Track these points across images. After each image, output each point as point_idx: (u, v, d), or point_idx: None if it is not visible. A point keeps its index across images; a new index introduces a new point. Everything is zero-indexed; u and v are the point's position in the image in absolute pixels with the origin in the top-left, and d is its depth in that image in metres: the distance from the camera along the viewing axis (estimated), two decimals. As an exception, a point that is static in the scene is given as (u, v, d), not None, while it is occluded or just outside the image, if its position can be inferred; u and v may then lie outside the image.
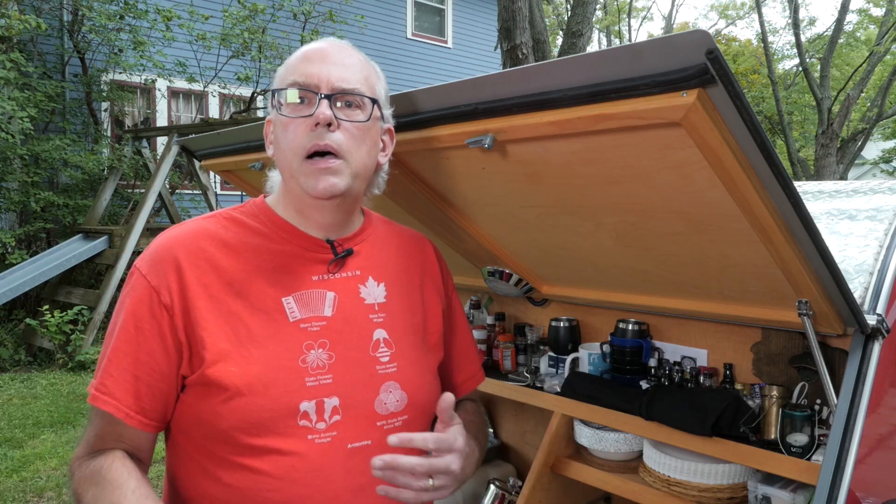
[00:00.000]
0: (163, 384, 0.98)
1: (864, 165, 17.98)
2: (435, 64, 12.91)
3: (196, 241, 1.02)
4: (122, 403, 0.96)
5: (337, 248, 1.09)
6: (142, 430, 0.98)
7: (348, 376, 1.02)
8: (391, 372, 1.06)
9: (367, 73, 1.06)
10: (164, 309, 0.97)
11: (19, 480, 3.79)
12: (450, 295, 1.26)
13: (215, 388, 0.95)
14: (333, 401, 1.00)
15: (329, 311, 1.04)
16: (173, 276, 0.98)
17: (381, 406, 1.04)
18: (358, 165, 1.03)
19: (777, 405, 1.49)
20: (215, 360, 0.95)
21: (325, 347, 1.02)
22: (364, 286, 1.09)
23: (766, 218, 1.09)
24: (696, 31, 0.82)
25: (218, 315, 0.98)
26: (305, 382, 0.98)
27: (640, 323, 1.87)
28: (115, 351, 0.97)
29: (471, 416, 1.23)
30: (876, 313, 1.37)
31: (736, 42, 21.76)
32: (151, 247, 1.03)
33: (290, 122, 1.01)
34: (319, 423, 0.98)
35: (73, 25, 8.06)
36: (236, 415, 0.95)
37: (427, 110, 1.23)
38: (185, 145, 1.94)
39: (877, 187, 1.87)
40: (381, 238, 1.17)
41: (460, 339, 1.27)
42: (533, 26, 7.25)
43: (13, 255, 6.67)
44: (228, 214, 1.09)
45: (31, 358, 6.33)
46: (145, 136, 8.24)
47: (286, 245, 1.06)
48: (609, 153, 1.11)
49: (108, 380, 0.97)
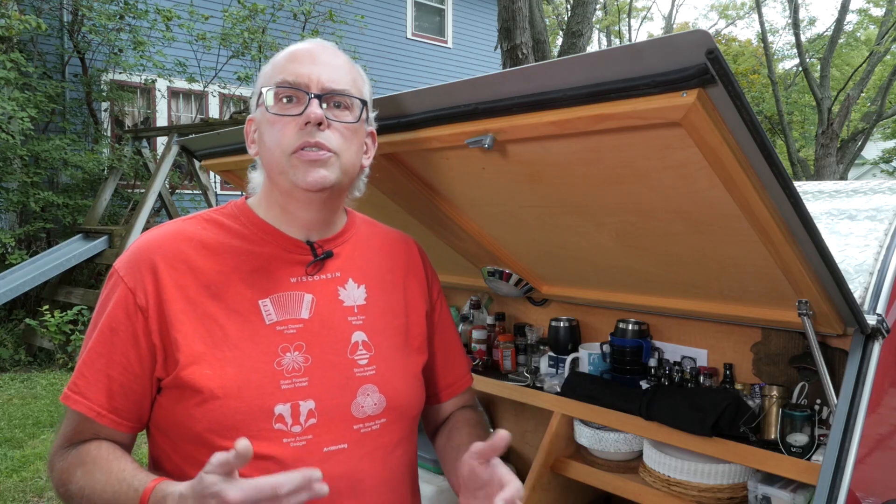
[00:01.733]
0: (136, 385, 0.98)
1: (864, 165, 17.99)
2: (435, 64, 12.91)
3: (174, 243, 1.02)
4: (93, 403, 0.96)
5: (317, 249, 1.08)
6: (115, 429, 0.98)
7: (325, 379, 1.01)
8: (369, 375, 1.05)
9: (354, 75, 1.07)
10: (139, 310, 0.97)
11: (19, 480, 3.79)
12: (435, 297, 1.24)
13: (189, 391, 0.95)
14: (309, 404, 0.99)
15: (306, 313, 1.03)
16: (150, 277, 0.98)
17: (358, 409, 1.03)
18: (347, 163, 1.03)
19: (777, 405, 1.49)
20: (189, 363, 0.95)
21: (301, 350, 1.01)
22: (343, 288, 1.09)
23: (766, 218, 1.09)
24: (696, 31, 0.82)
25: (193, 317, 0.98)
26: (280, 385, 0.98)
27: (640, 323, 1.87)
28: (90, 351, 0.98)
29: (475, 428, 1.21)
30: (876, 313, 1.37)
31: (736, 42, 21.75)
32: (130, 248, 1.03)
33: (278, 119, 1.01)
34: (295, 427, 0.97)
35: (73, 25, 8.05)
36: (210, 417, 0.95)
37: (427, 110, 1.23)
38: (185, 145, 1.94)
39: (877, 187, 1.87)
40: (364, 239, 1.16)
41: (446, 342, 1.25)
42: (533, 26, 7.25)
43: (13, 256, 6.67)
44: (208, 216, 1.09)
45: (31, 358, 6.33)
46: (145, 136, 8.24)
47: (265, 246, 1.05)
48: (609, 153, 1.11)
49: (81, 380, 0.97)
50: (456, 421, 1.24)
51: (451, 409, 1.28)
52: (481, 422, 1.26)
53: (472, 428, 1.21)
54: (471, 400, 1.32)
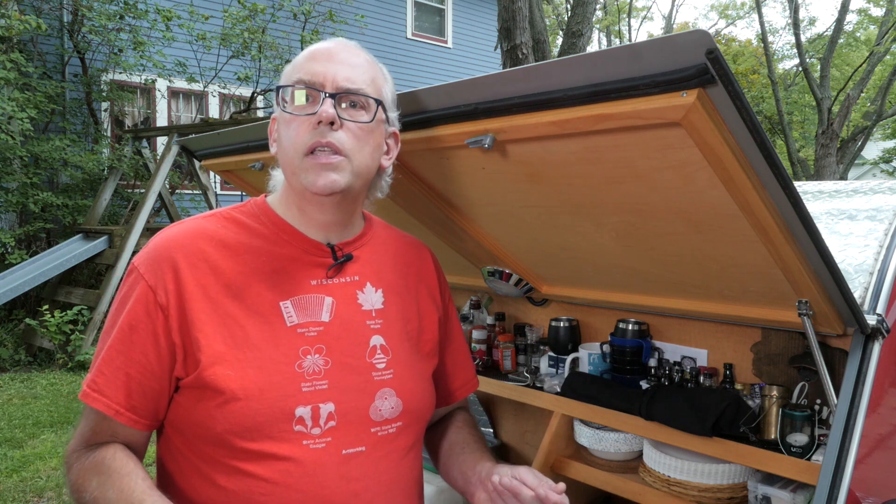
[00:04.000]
0: (155, 383, 0.97)
1: (864, 165, 17.99)
2: (435, 64, 12.91)
3: (195, 242, 1.01)
4: (112, 401, 0.96)
5: (337, 252, 1.08)
6: (132, 427, 0.98)
7: (344, 382, 1.01)
8: (387, 379, 1.06)
9: (373, 74, 1.06)
10: (159, 309, 0.97)
11: (19, 480, 3.79)
12: (447, 304, 1.25)
13: (210, 392, 0.95)
14: (329, 406, 0.99)
15: (327, 316, 1.04)
16: (170, 276, 0.98)
17: (376, 412, 1.03)
18: (360, 165, 1.03)
19: (777, 405, 1.49)
20: (211, 363, 0.95)
21: (321, 353, 1.01)
22: (362, 292, 1.09)
23: (766, 218, 1.09)
24: (695, 31, 0.82)
25: (214, 317, 0.97)
26: (301, 388, 0.98)
27: (640, 323, 1.87)
28: (109, 349, 0.98)
29: (471, 429, 1.24)
30: (876, 313, 1.37)
31: (736, 42, 21.75)
32: (150, 245, 1.02)
33: (294, 119, 1.01)
34: (314, 429, 0.98)
35: (73, 25, 8.05)
36: (231, 419, 0.94)
37: (427, 110, 1.23)
38: (185, 145, 1.94)
39: (877, 187, 1.87)
40: (381, 243, 1.17)
41: (456, 347, 1.27)
42: (533, 26, 7.25)
43: (13, 256, 6.67)
44: (228, 214, 1.08)
45: (31, 358, 6.33)
46: (145, 136, 8.24)
47: (286, 247, 1.05)
48: (609, 153, 1.11)
49: (100, 377, 0.97)
50: (455, 420, 1.27)
51: (448, 409, 1.31)
52: (474, 423, 1.29)
53: (468, 429, 1.24)
54: (464, 402, 1.34)
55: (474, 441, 1.21)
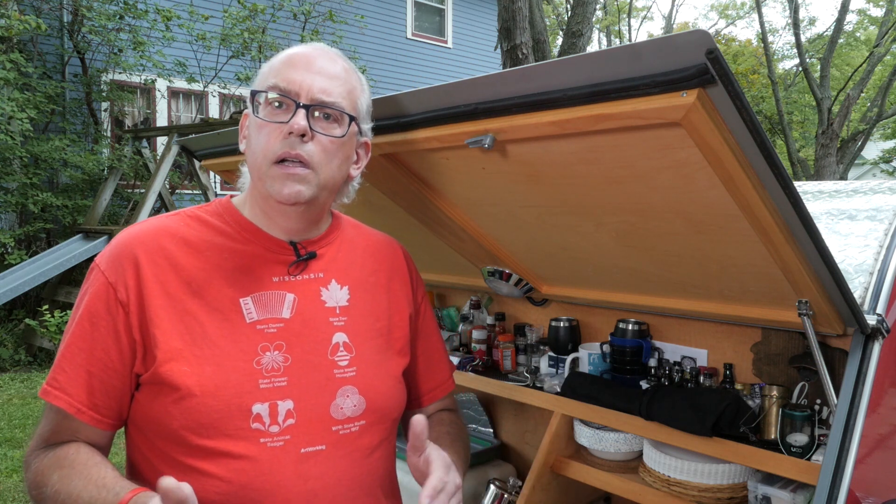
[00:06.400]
0: (116, 381, 0.97)
1: (864, 165, 17.98)
2: (435, 64, 12.90)
3: (157, 239, 1.01)
4: (73, 399, 0.95)
5: (300, 250, 1.08)
6: (95, 426, 0.97)
7: (304, 380, 1.01)
8: (349, 376, 1.05)
9: (350, 85, 1.05)
10: (119, 305, 0.96)
11: (19, 480, 3.79)
12: (419, 301, 1.24)
13: (167, 388, 0.94)
14: (287, 404, 0.98)
15: (287, 313, 1.03)
16: (131, 272, 0.97)
17: (338, 410, 1.02)
18: (326, 178, 1.03)
19: (777, 405, 1.49)
20: (167, 359, 0.95)
21: (281, 350, 1.00)
22: (326, 289, 1.08)
23: (766, 218, 1.09)
24: (695, 31, 0.82)
25: (173, 313, 0.97)
26: (259, 384, 0.97)
27: (640, 323, 1.87)
28: (70, 346, 0.97)
29: (447, 426, 1.21)
30: (876, 313, 1.37)
31: (736, 42, 21.74)
32: (112, 243, 1.02)
33: (265, 125, 1.00)
34: (273, 427, 0.97)
35: (72, 25, 8.05)
36: (187, 415, 0.94)
37: (427, 110, 1.23)
38: (185, 145, 1.94)
39: (877, 187, 1.87)
40: (349, 241, 1.16)
41: (429, 346, 1.25)
42: (533, 26, 7.25)
43: (13, 256, 6.67)
44: (192, 213, 1.08)
45: (31, 358, 6.33)
46: (145, 136, 8.24)
47: (248, 245, 1.05)
48: (609, 153, 1.11)
49: (62, 375, 0.96)
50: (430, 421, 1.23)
51: (431, 412, 1.27)
52: (455, 422, 1.26)
53: (443, 426, 1.21)
54: (451, 404, 1.31)
55: (447, 436, 1.17)
